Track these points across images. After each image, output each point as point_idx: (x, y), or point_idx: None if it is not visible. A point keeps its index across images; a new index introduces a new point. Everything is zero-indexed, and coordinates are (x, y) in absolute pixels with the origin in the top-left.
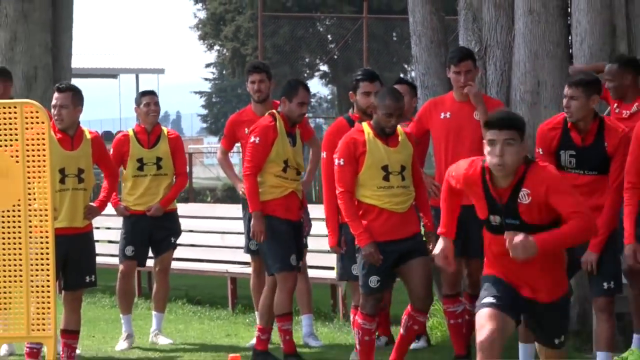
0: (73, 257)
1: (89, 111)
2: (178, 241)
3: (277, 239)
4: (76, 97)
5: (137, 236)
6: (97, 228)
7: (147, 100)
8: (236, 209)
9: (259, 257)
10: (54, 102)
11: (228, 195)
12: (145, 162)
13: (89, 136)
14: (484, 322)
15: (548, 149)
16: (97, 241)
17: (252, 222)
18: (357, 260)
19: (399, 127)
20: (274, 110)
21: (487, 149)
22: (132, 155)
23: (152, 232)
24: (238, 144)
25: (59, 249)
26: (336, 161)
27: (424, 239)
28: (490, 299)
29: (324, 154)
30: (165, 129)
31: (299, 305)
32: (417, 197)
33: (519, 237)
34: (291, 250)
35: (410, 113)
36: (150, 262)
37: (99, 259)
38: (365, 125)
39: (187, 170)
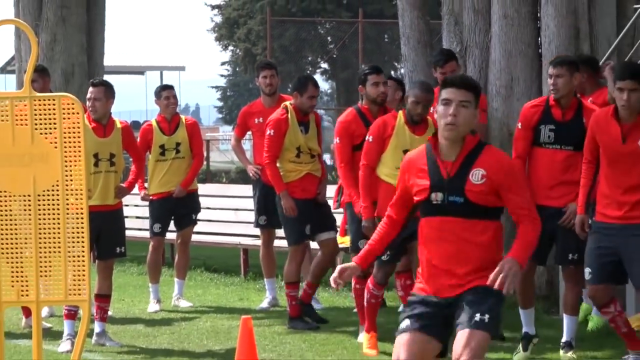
0: (105, 231)
1: (119, 103)
2: (198, 216)
3: (293, 217)
4: (108, 91)
5: (163, 215)
6: (127, 205)
7: (167, 94)
8: (248, 189)
9: (267, 230)
10: (88, 95)
11: (241, 177)
12: (166, 148)
13: (119, 125)
14: (398, 349)
15: (528, 124)
16: (126, 217)
17: (282, 202)
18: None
19: (429, 119)
20: (286, 103)
21: (439, 109)
22: (155, 142)
23: (176, 210)
24: (249, 132)
25: (93, 223)
26: (367, 137)
27: None
28: (407, 322)
29: (337, 140)
30: (183, 117)
31: (303, 273)
32: None
33: (507, 269)
34: (305, 224)
35: (395, 105)
36: (171, 235)
37: (127, 233)
38: (400, 113)
39: (205, 154)
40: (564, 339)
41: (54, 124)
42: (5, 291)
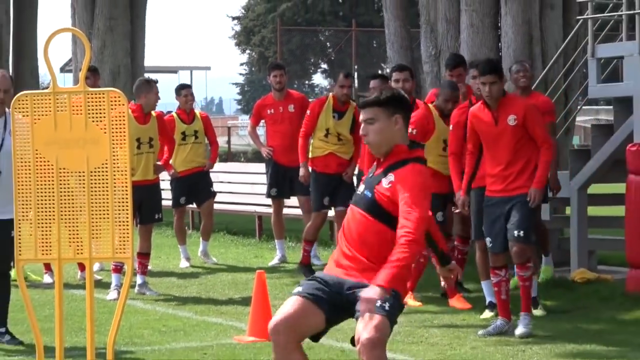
0: (146, 201)
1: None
2: (221, 189)
3: (315, 186)
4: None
5: (185, 189)
6: (163, 180)
7: (185, 92)
8: (262, 167)
9: (277, 200)
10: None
11: (256, 157)
12: (187, 135)
13: (154, 114)
14: (284, 305)
15: (458, 124)
16: (163, 189)
17: (300, 170)
18: None
19: None
20: (331, 93)
21: None
22: (177, 130)
23: (194, 185)
24: (262, 121)
25: (135, 195)
26: (410, 130)
27: None
28: (298, 289)
29: None
30: (197, 112)
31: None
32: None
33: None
34: (324, 195)
35: None
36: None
37: (164, 202)
38: (432, 108)
39: (227, 139)
40: (487, 301)
41: (103, 113)
42: (64, 250)
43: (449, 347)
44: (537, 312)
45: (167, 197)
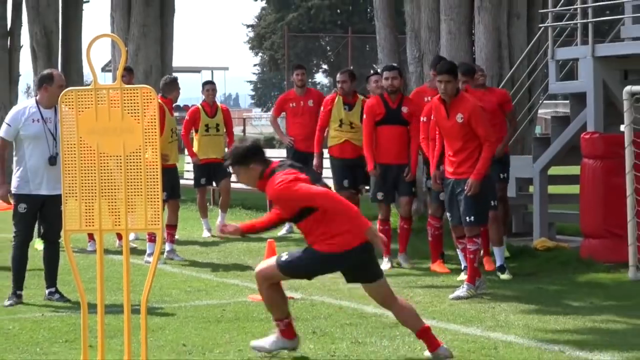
0: (172, 181)
1: (182, 94)
2: None
3: (334, 171)
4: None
5: (205, 172)
6: (188, 163)
7: (208, 87)
8: (272, 152)
9: None
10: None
11: (267, 144)
12: (209, 127)
13: (221, 107)
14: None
15: (428, 116)
16: (187, 171)
17: (314, 159)
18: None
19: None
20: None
21: None
22: (202, 122)
23: (212, 171)
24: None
25: (166, 176)
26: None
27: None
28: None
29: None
30: (219, 105)
31: None
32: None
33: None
34: (344, 178)
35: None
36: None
37: (189, 182)
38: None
39: (242, 128)
40: (497, 264)
41: (137, 107)
42: (104, 222)
43: (431, 305)
44: (505, 276)
45: (190, 177)
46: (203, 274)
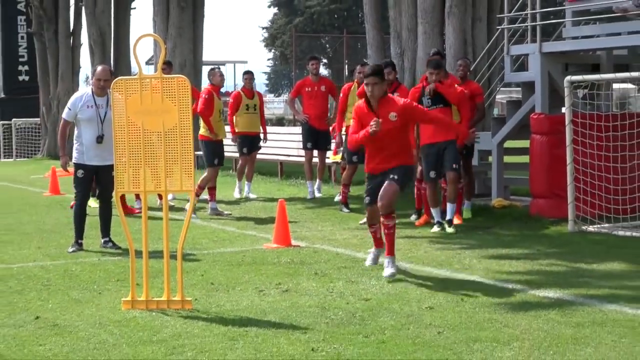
0: (220, 152)
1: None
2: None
3: (347, 148)
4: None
5: (246, 144)
6: (227, 138)
7: (247, 76)
8: (283, 129)
9: (309, 151)
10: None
11: (278, 122)
12: (249, 106)
13: (256, 91)
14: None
15: (415, 100)
16: (227, 144)
17: (337, 138)
18: (424, 162)
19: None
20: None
21: None
22: (243, 103)
23: (250, 142)
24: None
25: (217, 149)
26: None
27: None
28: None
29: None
30: (255, 90)
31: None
32: None
33: None
34: (353, 155)
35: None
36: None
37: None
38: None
39: None
40: (447, 217)
41: (173, 92)
42: (148, 184)
43: (409, 251)
44: (450, 229)
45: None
46: (227, 227)
